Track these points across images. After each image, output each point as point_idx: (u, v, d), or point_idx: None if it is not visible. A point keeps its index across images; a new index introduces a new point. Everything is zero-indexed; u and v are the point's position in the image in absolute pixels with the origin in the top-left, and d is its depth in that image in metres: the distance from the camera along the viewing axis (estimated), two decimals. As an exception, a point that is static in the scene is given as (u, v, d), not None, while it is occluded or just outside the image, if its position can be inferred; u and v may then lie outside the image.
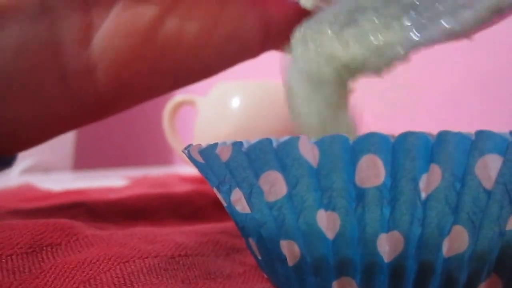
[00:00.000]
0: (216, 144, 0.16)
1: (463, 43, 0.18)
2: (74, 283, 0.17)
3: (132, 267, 0.18)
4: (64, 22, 0.24)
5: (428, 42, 0.18)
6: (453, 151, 0.13)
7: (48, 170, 0.93)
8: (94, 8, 0.25)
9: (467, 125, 0.57)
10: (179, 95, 0.57)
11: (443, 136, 0.13)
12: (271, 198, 0.15)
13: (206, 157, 0.16)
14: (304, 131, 0.21)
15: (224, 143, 0.16)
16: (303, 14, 0.26)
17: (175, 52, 0.26)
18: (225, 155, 0.15)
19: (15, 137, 0.26)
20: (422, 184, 0.13)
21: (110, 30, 0.25)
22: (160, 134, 0.67)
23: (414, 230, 0.14)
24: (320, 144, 0.14)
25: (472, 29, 0.18)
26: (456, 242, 0.14)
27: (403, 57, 0.19)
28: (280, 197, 0.15)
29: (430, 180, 0.13)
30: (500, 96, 0.59)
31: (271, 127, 0.48)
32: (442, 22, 0.18)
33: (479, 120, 0.60)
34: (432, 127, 0.18)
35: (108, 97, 0.26)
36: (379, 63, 0.19)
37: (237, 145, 0.15)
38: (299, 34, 0.22)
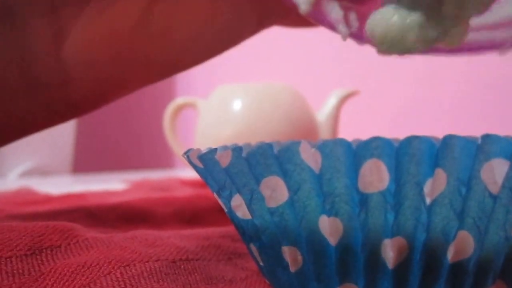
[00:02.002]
0: (215, 149, 0.15)
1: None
2: (74, 286, 0.17)
3: (133, 271, 0.18)
4: (30, 30, 0.22)
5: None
6: (458, 155, 0.13)
7: (47, 173, 0.93)
8: (62, 12, 0.23)
9: (473, 130, 0.56)
10: (180, 98, 0.57)
11: (448, 140, 0.13)
12: (272, 203, 0.15)
13: (205, 162, 0.16)
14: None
15: (224, 147, 0.16)
16: None
17: (161, 51, 0.25)
18: (224, 160, 0.15)
19: None
20: (426, 189, 0.13)
21: (83, 35, 0.23)
22: (160, 136, 0.67)
23: (418, 236, 0.14)
24: (322, 148, 0.13)
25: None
26: (461, 247, 0.14)
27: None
28: (281, 202, 0.15)
29: (435, 185, 0.13)
30: (507, 100, 0.59)
31: (273, 130, 0.48)
32: None
33: (485, 124, 0.60)
34: (437, 131, 0.18)
35: (87, 102, 0.25)
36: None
37: (236, 150, 0.15)
38: None
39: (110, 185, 0.55)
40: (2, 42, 0.22)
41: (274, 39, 0.87)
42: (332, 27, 0.19)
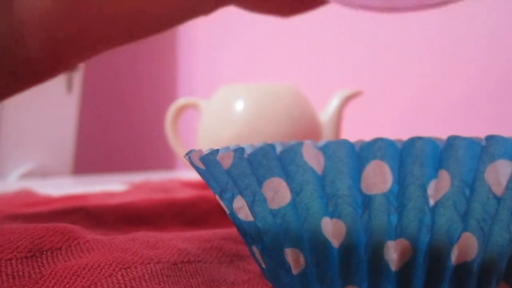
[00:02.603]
0: (217, 151, 0.15)
1: (477, 46, 0.18)
2: (75, 288, 0.17)
3: (134, 273, 0.18)
4: None
5: None
6: (462, 156, 0.13)
7: (47, 175, 0.93)
8: None
9: (477, 130, 0.56)
10: (182, 98, 0.57)
11: (452, 141, 0.13)
12: (274, 205, 0.15)
13: (207, 163, 0.16)
14: None
15: (226, 149, 0.15)
16: None
17: (117, 7, 0.24)
18: (226, 162, 0.15)
19: None
20: (430, 190, 0.13)
21: None
22: (162, 137, 0.67)
23: (422, 238, 0.14)
24: (325, 149, 0.13)
25: None
26: (465, 249, 0.14)
27: None
28: (284, 204, 0.15)
29: (439, 186, 0.13)
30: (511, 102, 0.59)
31: (275, 130, 0.48)
32: None
33: (489, 125, 0.60)
34: (441, 132, 0.18)
35: (48, 65, 0.24)
36: None
37: (238, 151, 0.15)
38: None
39: (111, 186, 0.55)
40: None
41: (276, 40, 0.87)
42: None
